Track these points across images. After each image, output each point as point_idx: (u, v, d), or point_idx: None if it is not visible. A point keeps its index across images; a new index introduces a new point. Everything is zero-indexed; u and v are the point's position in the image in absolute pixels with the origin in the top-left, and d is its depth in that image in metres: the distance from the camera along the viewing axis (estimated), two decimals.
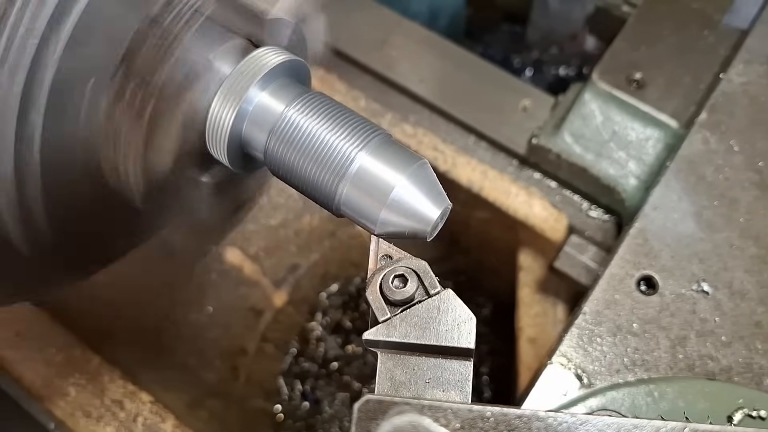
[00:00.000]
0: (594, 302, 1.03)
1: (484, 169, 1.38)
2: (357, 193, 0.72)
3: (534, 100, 1.43)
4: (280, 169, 0.76)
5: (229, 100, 0.75)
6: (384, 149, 0.73)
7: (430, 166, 0.74)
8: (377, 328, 0.68)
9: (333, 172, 0.72)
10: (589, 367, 0.99)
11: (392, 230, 0.72)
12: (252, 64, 0.76)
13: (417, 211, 0.71)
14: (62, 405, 1.20)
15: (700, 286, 1.03)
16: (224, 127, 0.75)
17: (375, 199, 0.71)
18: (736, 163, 1.11)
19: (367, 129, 0.74)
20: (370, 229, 0.73)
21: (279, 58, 0.77)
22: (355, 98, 1.44)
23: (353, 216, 0.74)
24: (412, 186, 0.71)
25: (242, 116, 0.75)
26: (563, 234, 1.34)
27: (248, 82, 0.75)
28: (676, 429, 0.59)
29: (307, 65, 0.82)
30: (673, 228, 1.07)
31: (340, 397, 1.71)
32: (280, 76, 0.77)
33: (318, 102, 0.75)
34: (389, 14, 1.54)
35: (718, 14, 1.34)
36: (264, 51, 0.77)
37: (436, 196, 0.72)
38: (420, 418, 0.58)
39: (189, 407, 1.48)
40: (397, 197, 0.71)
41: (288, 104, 0.75)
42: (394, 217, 0.71)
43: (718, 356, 0.99)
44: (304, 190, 0.76)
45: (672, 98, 1.26)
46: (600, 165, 1.27)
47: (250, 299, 1.61)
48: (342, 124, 0.73)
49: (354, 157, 0.72)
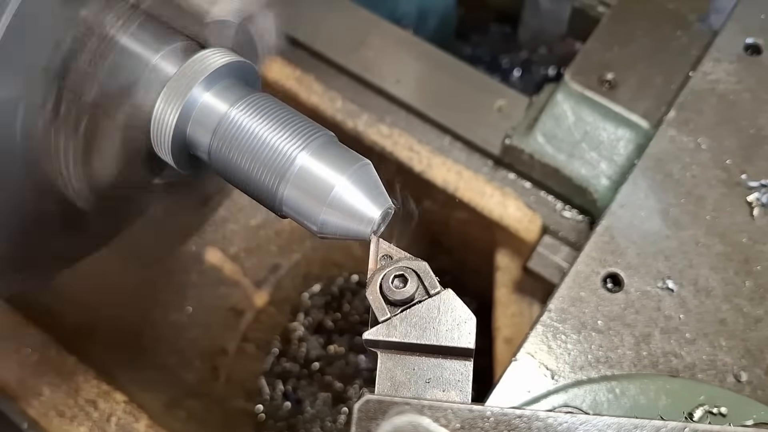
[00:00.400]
0: (559, 299, 1.03)
1: (459, 170, 1.39)
2: (298, 194, 0.72)
3: (509, 101, 1.43)
4: (223, 169, 0.76)
5: (173, 100, 0.75)
6: (325, 150, 0.73)
7: (372, 167, 0.74)
8: (377, 328, 0.68)
9: (274, 173, 0.73)
10: (553, 364, 0.99)
11: (333, 230, 0.72)
12: (196, 65, 0.76)
13: (357, 211, 0.71)
14: (36, 405, 1.20)
15: (666, 283, 1.03)
16: (167, 127, 0.75)
17: (315, 200, 0.71)
18: (703, 160, 1.12)
19: (310, 130, 0.74)
20: (311, 230, 0.74)
21: (224, 59, 0.77)
22: (332, 99, 1.44)
23: (295, 216, 0.74)
24: (353, 186, 0.71)
25: (186, 117, 0.76)
26: (537, 234, 1.34)
27: (192, 82, 0.75)
28: (676, 429, 0.59)
29: (254, 66, 0.82)
30: (640, 225, 1.07)
31: (322, 397, 1.72)
32: (225, 77, 0.78)
33: (262, 103, 0.76)
34: (367, 15, 1.54)
35: (693, 15, 1.34)
36: (209, 52, 0.77)
37: (377, 197, 0.72)
38: (420, 418, 0.58)
39: (167, 407, 1.49)
40: (338, 197, 0.71)
41: (231, 105, 0.75)
42: (335, 217, 0.71)
43: (682, 353, 0.99)
44: (247, 191, 0.76)
45: (643, 99, 1.26)
46: (572, 165, 1.27)
47: (231, 299, 1.62)
48: (285, 125, 0.74)
49: (294, 157, 0.72)
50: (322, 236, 0.74)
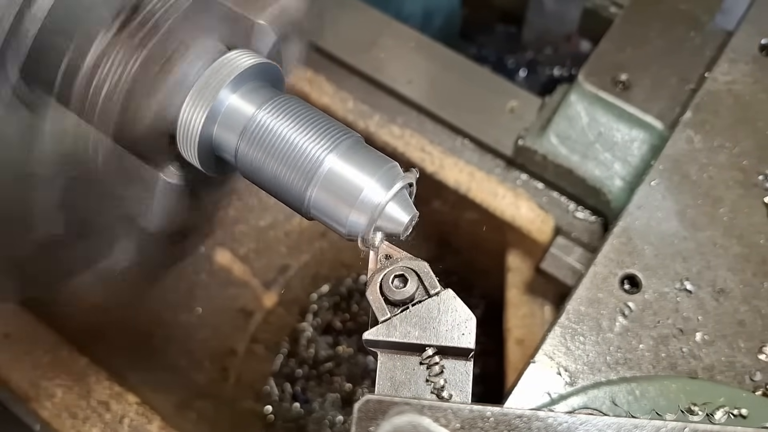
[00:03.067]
0: (577, 301, 1.03)
1: (472, 171, 1.39)
2: (326, 196, 0.72)
3: (521, 102, 1.43)
4: (250, 171, 0.76)
5: (200, 101, 0.75)
6: (354, 152, 0.73)
7: (400, 169, 0.74)
8: (377, 328, 0.68)
9: (302, 175, 0.72)
10: (572, 366, 0.99)
11: (362, 231, 0.72)
12: (223, 67, 0.76)
13: (385, 213, 0.71)
14: (48, 406, 1.20)
15: (684, 284, 1.03)
16: (195, 129, 0.75)
17: (344, 202, 0.71)
18: (720, 161, 1.11)
19: (338, 132, 0.74)
20: (339, 232, 0.73)
21: (251, 61, 0.77)
22: (343, 99, 1.44)
23: (322, 218, 0.74)
24: (381, 189, 0.71)
25: (213, 118, 0.75)
26: (550, 235, 1.34)
27: (219, 84, 0.75)
28: (676, 429, 0.59)
29: (279, 68, 0.81)
30: (657, 227, 1.07)
31: (331, 398, 1.71)
32: (252, 79, 0.77)
33: (289, 105, 0.75)
34: (378, 16, 1.54)
35: (706, 15, 1.34)
36: (236, 54, 0.77)
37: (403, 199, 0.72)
38: (420, 418, 0.58)
39: (178, 408, 1.49)
40: (366, 200, 0.71)
41: (259, 107, 0.75)
42: (363, 219, 0.71)
43: (700, 355, 0.99)
44: (274, 193, 0.76)
45: (657, 99, 1.26)
46: (586, 166, 1.27)
47: (240, 300, 1.61)
48: (312, 127, 0.73)
49: (323, 159, 0.72)
50: (350, 238, 0.74)
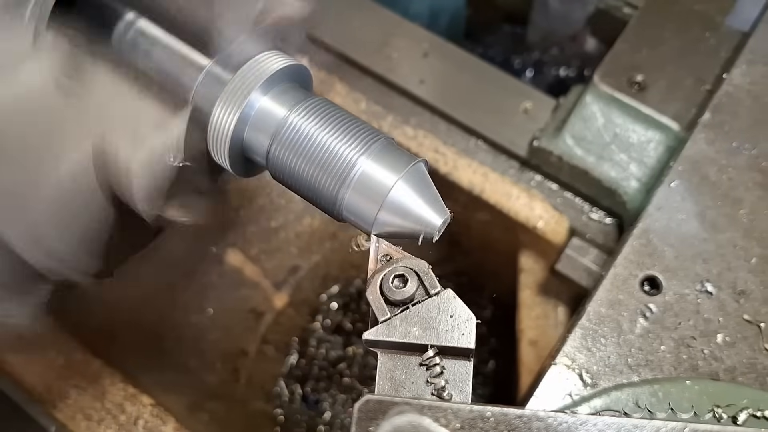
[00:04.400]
0: (597, 302, 1.02)
1: (485, 172, 1.38)
2: (359, 198, 0.72)
3: (535, 103, 1.43)
4: (282, 174, 0.76)
5: (231, 105, 0.74)
6: (386, 154, 0.73)
7: (424, 166, 0.74)
8: (377, 328, 0.69)
9: (335, 177, 0.72)
10: (593, 368, 0.98)
11: (391, 231, 0.72)
12: (253, 70, 0.75)
13: (412, 212, 0.71)
14: (63, 408, 1.19)
15: (704, 286, 1.03)
16: (226, 131, 0.75)
17: (373, 202, 0.71)
18: (739, 163, 1.11)
19: (369, 134, 0.74)
20: (367, 232, 0.73)
21: (281, 63, 0.77)
22: (356, 100, 1.44)
23: (355, 221, 0.73)
24: (408, 187, 0.71)
25: (244, 121, 0.75)
26: (564, 236, 1.34)
27: (250, 86, 0.75)
28: (676, 429, 0.59)
29: (308, 69, 0.81)
30: (677, 228, 1.07)
31: (341, 399, 1.71)
32: (282, 80, 0.77)
33: (320, 107, 0.75)
34: (390, 16, 1.54)
35: (720, 16, 1.34)
36: (265, 56, 0.77)
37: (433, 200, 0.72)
38: (420, 418, 0.59)
39: (190, 410, 1.48)
40: (394, 199, 0.71)
41: (290, 109, 0.75)
42: (392, 218, 0.71)
43: (722, 356, 0.99)
44: (306, 195, 0.76)
45: (673, 101, 1.26)
46: (601, 167, 1.27)
47: (251, 301, 1.61)
48: (344, 129, 0.73)
49: (356, 162, 0.72)
50: (378, 236, 0.74)
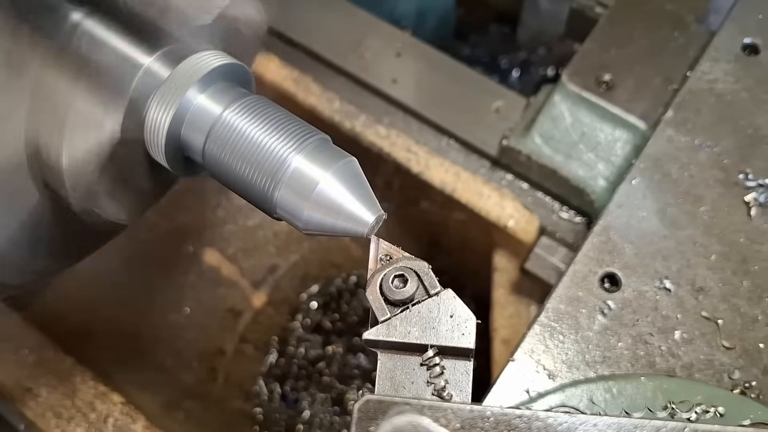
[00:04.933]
0: (557, 299, 1.03)
1: (457, 171, 1.39)
2: (291, 196, 0.72)
3: (507, 102, 1.43)
4: (218, 172, 0.76)
5: (167, 102, 0.75)
6: (319, 152, 0.73)
7: (357, 164, 0.74)
8: (377, 328, 0.69)
9: (268, 176, 0.72)
10: (551, 364, 0.99)
11: (322, 228, 0.72)
12: (190, 67, 0.76)
13: (344, 209, 0.71)
14: (33, 406, 1.20)
15: (663, 283, 1.03)
16: (161, 130, 0.75)
17: (303, 198, 0.71)
18: (701, 160, 1.12)
19: (304, 132, 0.73)
20: (297, 227, 0.73)
21: (218, 61, 0.77)
22: (329, 100, 1.45)
23: (288, 218, 0.74)
24: (337, 182, 0.71)
25: (180, 119, 0.75)
26: (535, 235, 1.34)
27: (186, 84, 0.75)
28: (676, 429, 0.59)
29: (247, 69, 0.81)
30: (637, 225, 1.07)
31: (320, 398, 1.71)
32: (220, 79, 0.77)
33: (256, 105, 0.75)
34: (364, 16, 1.54)
35: (691, 16, 1.34)
36: (203, 54, 0.77)
37: (363, 194, 0.72)
38: (420, 418, 0.58)
39: (165, 408, 1.49)
40: (322, 194, 0.71)
41: (226, 107, 0.75)
42: (321, 214, 0.71)
43: (679, 353, 0.99)
44: (242, 193, 0.76)
45: (641, 100, 1.26)
46: (569, 166, 1.27)
47: (229, 300, 1.62)
48: (279, 127, 0.73)
49: (289, 160, 0.72)
50: (308, 233, 0.74)
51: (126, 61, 0.74)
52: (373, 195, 0.73)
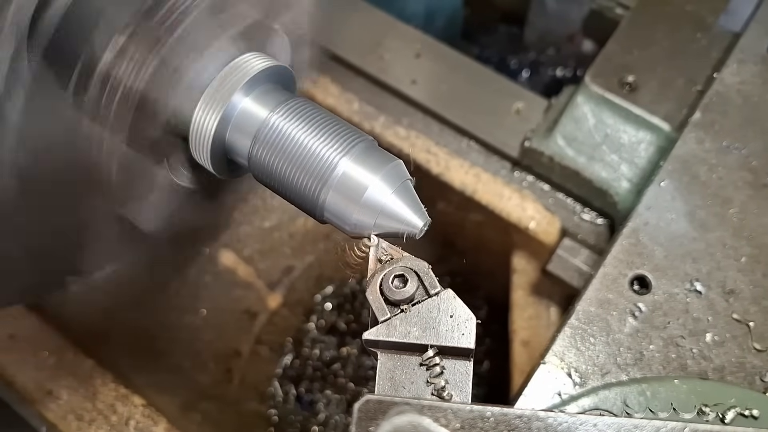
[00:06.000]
0: (587, 302, 1.02)
1: (477, 172, 1.38)
2: (339, 200, 0.72)
3: (527, 103, 1.43)
4: (263, 175, 0.76)
5: (213, 105, 0.74)
6: (367, 155, 0.73)
7: (404, 166, 0.74)
8: (377, 328, 0.69)
9: (316, 179, 0.72)
10: (582, 367, 0.98)
11: (372, 231, 0.72)
12: (236, 70, 0.75)
13: (395, 212, 0.71)
14: (54, 408, 1.19)
15: (693, 285, 1.03)
16: (207, 132, 0.75)
17: (352, 202, 0.71)
18: (729, 162, 1.11)
19: (351, 135, 0.73)
20: (345, 231, 0.73)
21: (263, 64, 0.77)
22: (348, 101, 1.44)
23: (335, 222, 0.73)
24: (386, 186, 0.71)
25: (226, 122, 0.75)
26: (556, 237, 1.34)
27: (232, 87, 0.75)
28: (676, 429, 0.59)
29: (291, 71, 0.81)
30: (667, 227, 1.07)
31: (335, 400, 1.71)
32: (265, 82, 0.77)
33: (302, 108, 0.75)
34: (383, 17, 1.54)
35: (712, 17, 1.34)
36: (248, 57, 0.77)
37: (413, 200, 0.72)
38: (420, 418, 0.58)
39: (182, 410, 1.48)
40: (372, 198, 0.71)
41: (272, 110, 0.75)
42: (369, 218, 0.71)
43: (711, 356, 0.99)
44: (288, 196, 0.76)
45: (664, 101, 1.26)
46: (592, 168, 1.27)
47: (245, 301, 1.61)
48: (326, 130, 0.73)
49: (337, 163, 0.71)
50: (355, 236, 0.73)
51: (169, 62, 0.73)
52: (418, 199, 0.73)
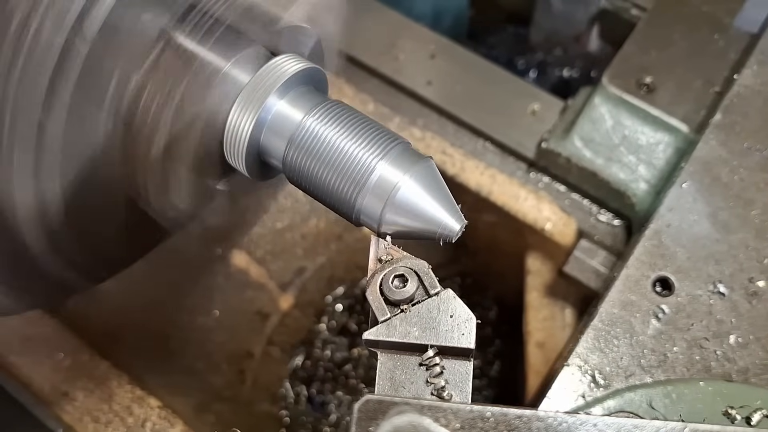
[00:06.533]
0: (610, 303, 1.02)
1: (493, 173, 1.38)
2: (377, 203, 0.71)
3: (543, 104, 1.43)
4: (298, 178, 0.75)
5: (248, 108, 0.74)
6: (404, 158, 0.72)
7: (434, 164, 0.74)
8: (377, 328, 0.69)
9: (353, 182, 0.72)
10: (606, 369, 0.98)
11: (406, 232, 0.72)
12: (270, 72, 0.75)
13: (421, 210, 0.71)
14: (70, 410, 1.19)
15: (716, 287, 1.03)
16: (243, 135, 0.75)
17: (387, 205, 0.71)
18: (750, 164, 1.11)
19: (387, 138, 0.73)
20: (382, 234, 0.73)
21: (297, 66, 0.76)
22: (363, 102, 1.44)
23: (372, 224, 0.73)
24: (416, 185, 0.71)
25: (261, 125, 0.75)
26: (572, 238, 1.34)
27: (267, 90, 0.74)
28: (676, 429, 0.59)
29: (324, 73, 0.81)
30: (689, 229, 1.07)
31: (347, 401, 1.70)
32: (299, 84, 0.77)
33: (337, 110, 0.75)
34: (397, 17, 1.53)
35: (728, 18, 1.34)
36: (282, 59, 0.76)
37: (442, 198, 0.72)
38: (420, 418, 0.59)
39: (196, 412, 1.48)
40: (404, 198, 0.70)
41: (307, 113, 0.74)
42: (407, 219, 0.71)
43: (734, 357, 0.98)
44: (323, 200, 0.75)
45: (682, 102, 1.26)
46: (610, 169, 1.27)
47: (257, 303, 1.60)
48: (362, 134, 0.73)
49: (374, 167, 0.71)
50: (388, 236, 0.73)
51: (205, 66, 0.73)
52: (453, 200, 0.72)
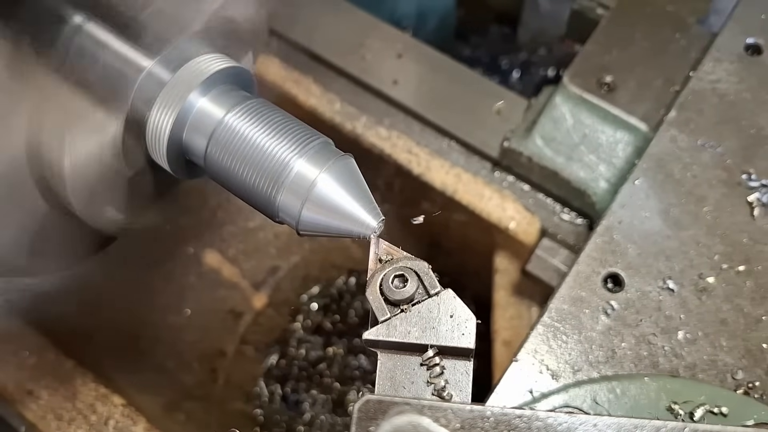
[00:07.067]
0: (560, 300, 1.03)
1: (458, 172, 1.39)
2: (295, 200, 0.72)
3: (508, 103, 1.43)
4: (220, 176, 0.76)
5: (169, 105, 0.74)
6: (321, 155, 0.73)
7: (353, 161, 0.74)
8: (377, 328, 0.69)
9: (271, 180, 0.72)
10: (554, 364, 0.99)
11: (314, 228, 0.72)
12: (192, 71, 0.75)
13: (339, 207, 0.71)
14: (34, 408, 1.20)
15: (666, 283, 1.03)
16: (163, 133, 0.75)
17: (303, 201, 0.71)
18: (704, 160, 1.11)
19: (306, 135, 0.73)
20: (300, 233, 0.73)
21: (220, 65, 0.77)
22: (330, 101, 1.44)
23: (289, 221, 0.73)
24: (333, 181, 0.71)
25: (182, 122, 0.75)
26: (536, 237, 1.34)
27: (188, 87, 0.75)
28: (676, 429, 0.59)
29: (250, 72, 0.81)
30: (640, 226, 1.07)
31: (321, 399, 1.71)
32: (222, 82, 0.77)
33: (258, 109, 0.75)
34: (365, 17, 1.54)
35: (692, 17, 1.34)
36: (205, 57, 0.77)
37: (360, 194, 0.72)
38: (420, 418, 0.58)
39: (166, 410, 1.48)
40: (320, 194, 0.71)
41: (228, 110, 0.75)
42: (320, 216, 0.71)
43: (682, 353, 0.99)
44: (243, 197, 0.76)
45: (642, 101, 1.26)
46: (571, 168, 1.27)
47: (229, 301, 1.61)
48: (282, 131, 0.73)
49: (291, 163, 0.71)
50: (307, 234, 0.74)
51: (127, 65, 0.73)
52: (370, 194, 0.73)
